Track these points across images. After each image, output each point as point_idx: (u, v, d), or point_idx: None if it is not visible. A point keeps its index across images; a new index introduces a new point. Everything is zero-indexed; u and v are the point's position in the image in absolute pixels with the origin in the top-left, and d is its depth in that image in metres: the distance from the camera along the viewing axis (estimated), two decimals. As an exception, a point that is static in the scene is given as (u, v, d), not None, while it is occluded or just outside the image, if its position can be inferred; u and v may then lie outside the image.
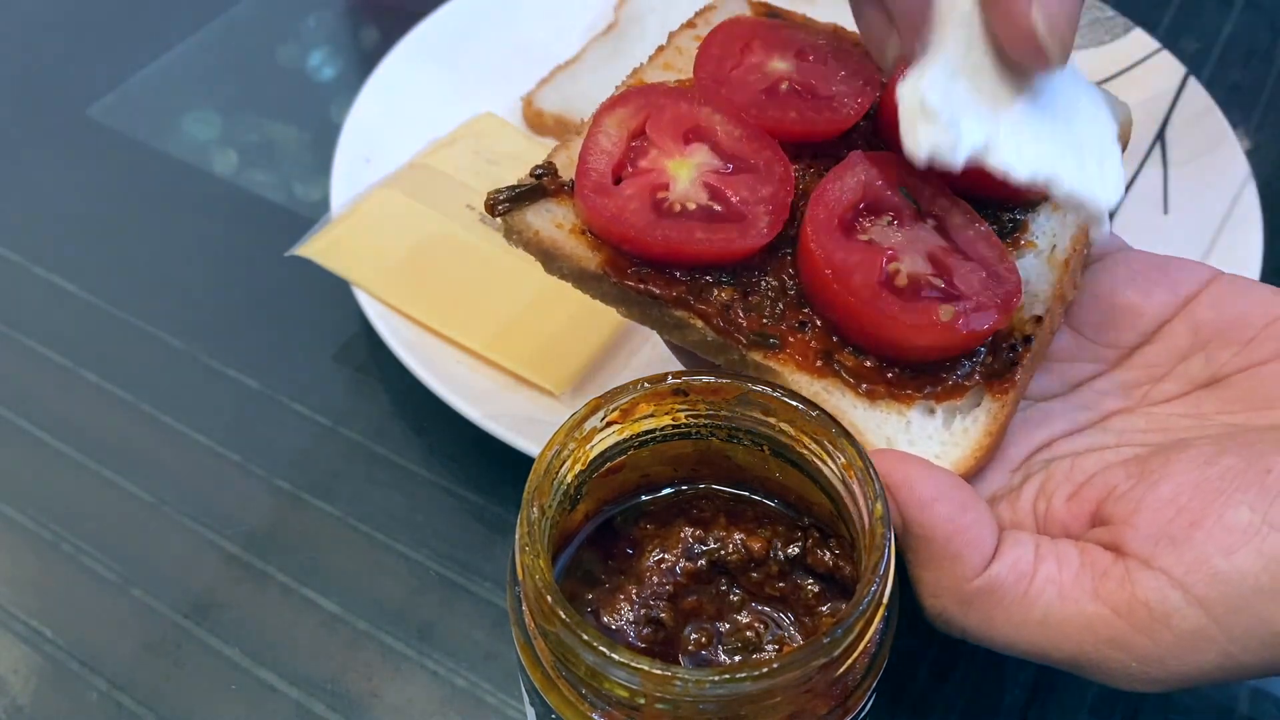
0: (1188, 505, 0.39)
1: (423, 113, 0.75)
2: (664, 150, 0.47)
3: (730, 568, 0.41)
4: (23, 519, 0.60)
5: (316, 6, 0.92)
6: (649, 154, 0.47)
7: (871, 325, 0.44)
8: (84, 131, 0.82)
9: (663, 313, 0.46)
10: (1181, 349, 0.47)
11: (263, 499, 0.61)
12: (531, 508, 0.36)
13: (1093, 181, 0.41)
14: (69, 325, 0.69)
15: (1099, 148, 0.42)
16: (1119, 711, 0.52)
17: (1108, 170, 0.42)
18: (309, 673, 0.54)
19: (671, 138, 0.48)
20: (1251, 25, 0.87)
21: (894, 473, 0.41)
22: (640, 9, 0.83)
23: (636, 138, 0.48)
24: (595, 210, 0.46)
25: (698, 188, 0.46)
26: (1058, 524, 0.43)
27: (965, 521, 0.41)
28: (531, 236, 0.47)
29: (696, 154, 0.48)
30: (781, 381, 0.45)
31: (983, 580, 0.40)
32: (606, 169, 0.47)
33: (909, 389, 0.45)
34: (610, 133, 0.48)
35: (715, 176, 0.47)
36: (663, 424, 0.40)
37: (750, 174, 0.47)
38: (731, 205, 0.46)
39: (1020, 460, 0.46)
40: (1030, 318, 0.46)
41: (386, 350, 0.61)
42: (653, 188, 0.46)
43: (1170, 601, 0.38)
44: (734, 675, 0.32)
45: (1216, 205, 0.67)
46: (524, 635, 0.37)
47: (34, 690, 0.54)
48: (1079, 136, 0.42)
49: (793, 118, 0.49)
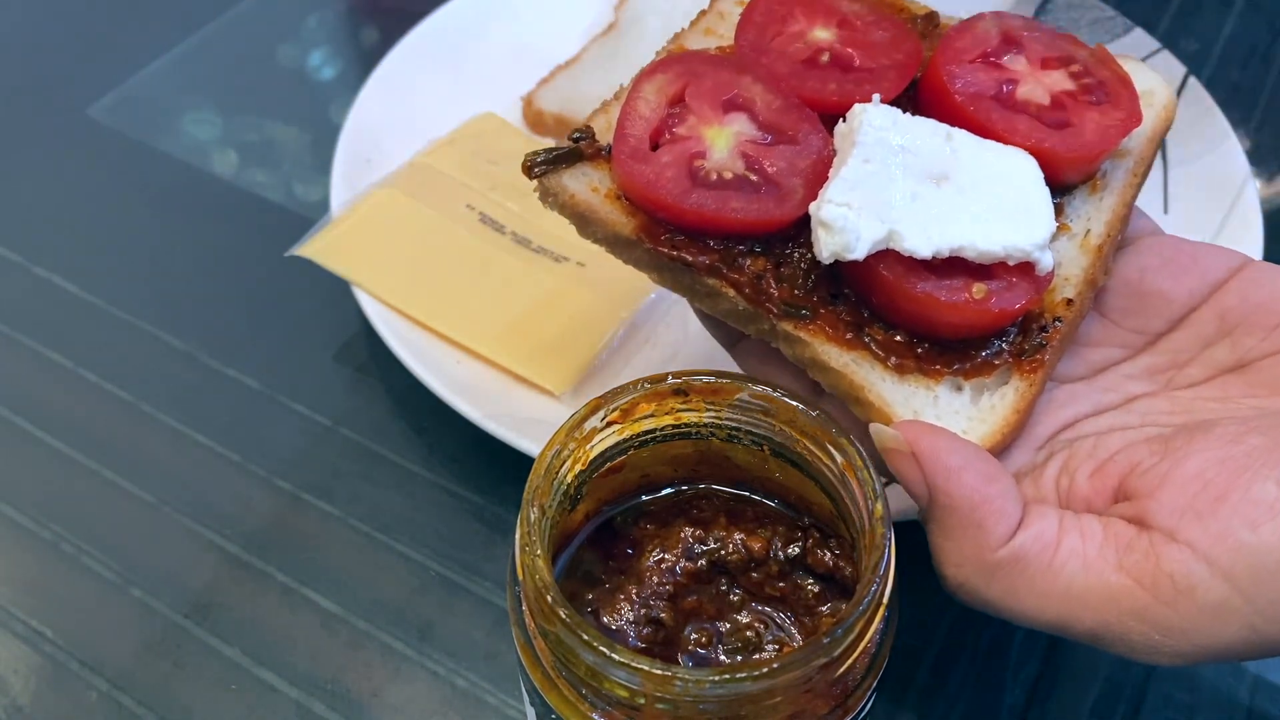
0: (1213, 480, 0.39)
1: (423, 113, 0.75)
2: (702, 118, 0.47)
3: (730, 568, 0.41)
4: (23, 519, 0.60)
5: (316, 6, 0.92)
6: (687, 121, 0.47)
7: (905, 301, 0.44)
8: (84, 131, 0.82)
9: (694, 280, 0.46)
10: (1208, 335, 0.47)
11: (263, 499, 0.61)
12: (531, 508, 0.36)
13: (1012, 231, 0.44)
14: (69, 325, 0.69)
15: (1014, 198, 0.46)
16: (1119, 711, 0.52)
17: (1031, 213, 0.45)
18: (309, 673, 0.54)
19: (710, 106, 0.48)
20: (1251, 25, 0.87)
21: (921, 441, 0.41)
22: (640, 9, 0.83)
23: (675, 104, 0.48)
24: (631, 176, 0.46)
25: (734, 157, 0.47)
26: (1080, 500, 0.43)
27: (991, 492, 0.41)
28: (567, 200, 0.47)
29: (735, 123, 0.48)
30: (810, 352, 0.45)
31: (1006, 551, 0.40)
32: (644, 135, 0.47)
33: (938, 364, 0.45)
34: (649, 99, 0.48)
35: (752, 146, 0.47)
36: (663, 424, 0.40)
37: (788, 145, 0.47)
38: (768, 176, 0.46)
39: (1044, 439, 0.46)
40: (1061, 300, 0.47)
41: (386, 350, 0.61)
42: (689, 155, 0.46)
43: (1195, 574, 0.38)
44: (734, 675, 0.32)
45: (1216, 205, 0.67)
46: (524, 635, 0.37)
47: (34, 690, 0.54)
48: (989, 198, 0.45)
49: (832, 89, 0.49)
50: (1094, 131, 0.49)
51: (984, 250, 0.44)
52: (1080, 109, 0.50)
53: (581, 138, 0.48)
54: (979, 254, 0.44)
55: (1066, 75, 0.51)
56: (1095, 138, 0.49)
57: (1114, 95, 0.50)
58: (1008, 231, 0.44)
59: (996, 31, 0.52)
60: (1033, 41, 0.52)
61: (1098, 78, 0.51)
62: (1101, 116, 0.49)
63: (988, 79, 0.50)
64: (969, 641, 0.55)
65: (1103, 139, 0.49)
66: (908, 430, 0.42)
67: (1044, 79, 0.51)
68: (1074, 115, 0.49)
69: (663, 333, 0.65)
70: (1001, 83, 0.50)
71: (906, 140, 0.46)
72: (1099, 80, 0.51)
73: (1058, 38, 0.52)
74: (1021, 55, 0.51)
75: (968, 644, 0.55)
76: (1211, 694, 0.53)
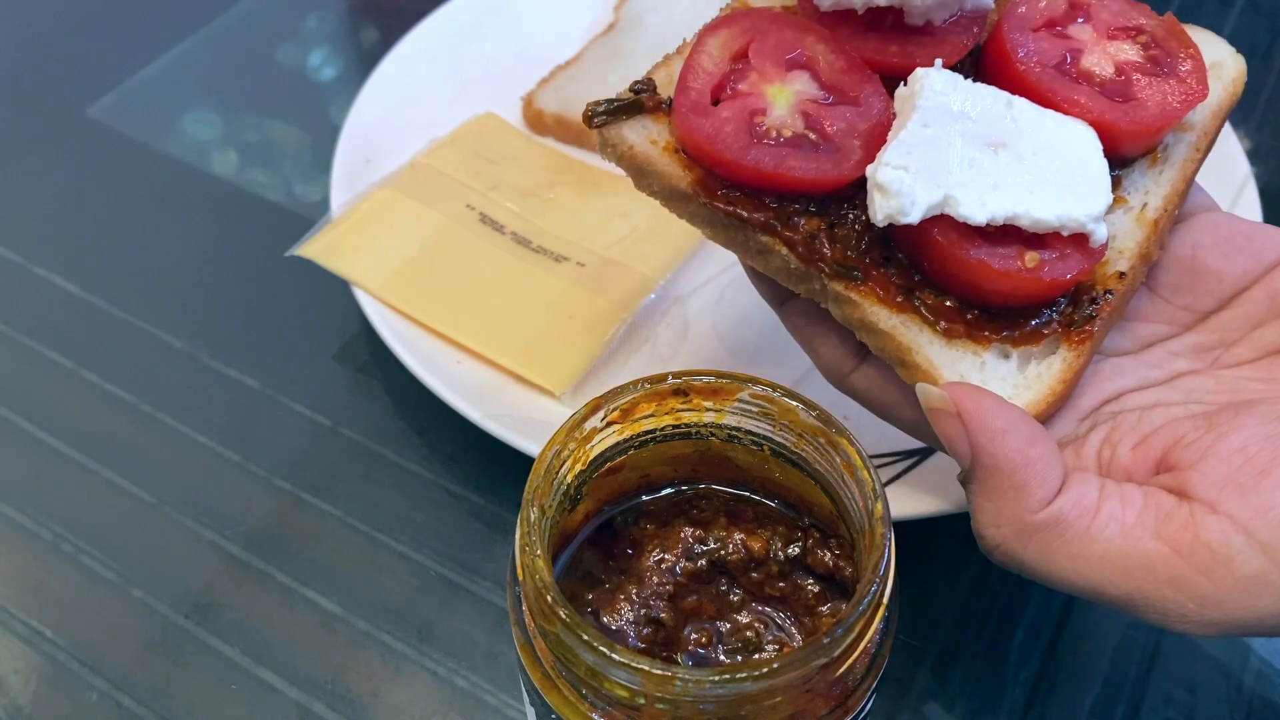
0: (1256, 455, 0.40)
1: (423, 113, 0.75)
2: (764, 75, 0.47)
3: (730, 568, 0.41)
4: (23, 519, 0.60)
5: (316, 6, 0.92)
6: (749, 78, 0.47)
7: (957, 267, 0.44)
8: (84, 131, 0.82)
9: (748, 237, 0.46)
10: (1258, 315, 0.47)
11: (263, 499, 0.61)
12: (531, 508, 0.36)
13: (1068, 202, 0.44)
14: (69, 325, 0.69)
15: (1071, 169, 0.45)
16: (1119, 711, 0.52)
17: (1088, 184, 0.45)
18: (309, 673, 0.54)
19: (773, 63, 0.48)
20: (1251, 25, 0.87)
21: (967, 401, 0.42)
22: (640, 9, 0.83)
23: (738, 60, 0.48)
24: (691, 130, 0.46)
25: (795, 115, 0.47)
26: (1122, 471, 0.44)
27: (1034, 455, 0.41)
28: (625, 150, 0.47)
29: (796, 81, 0.47)
30: (860, 313, 0.46)
31: (1046, 513, 0.41)
32: (705, 89, 0.47)
33: (987, 330, 0.46)
34: (712, 53, 0.47)
35: (813, 106, 0.47)
36: (663, 424, 0.40)
37: (849, 106, 0.47)
38: (827, 135, 0.46)
39: (1088, 411, 0.47)
40: (1114, 273, 0.47)
41: (386, 350, 0.61)
42: (750, 112, 0.46)
43: (1233, 545, 0.38)
44: (734, 675, 0.32)
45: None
46: (524, 635, 0.37)
47: (34, 690, 0.54)
48: (1046, 168, 0.45)
49: (894, 51, 0.49)
50: (1157, 105, 0.48)
51: (1038, 219, 0.44)
52: (1145, 81, 0.49)
53: (643, 90, 0.48)
54: (1033, 223, 0.44)
55: (1134, 45, 0.50)
56: (1158, 111, 0.48)
57: (1181, 68, 0.49)
58: (1063, 202, 0.44)
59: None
60: (1100, 10, 0.51)
61: (1166, 49, 0.50)
62: (1166, 89, 0.48)
63: (1051, 48, 0.49)
64: (969, 641, 0.55)
65: (1165, 113, 0.48)
66: (954, 391, 0.43)
67: (1110, 49, 0.50)
68: (1137, 88, 0.49)
69: (663, 333, 0.65)
70: (1066, 52, 0.49)
71: (966, 106, 0.45)
72: (1167, 51, 0.50)
73: (1128, 6, 0.51)
74: (1088, 24, 0.50)
75: (968, 644, 0.55)
76: (1212, 694, 0.53)
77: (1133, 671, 0.54)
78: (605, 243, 0.68)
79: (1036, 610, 0.56)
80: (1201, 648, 0.55)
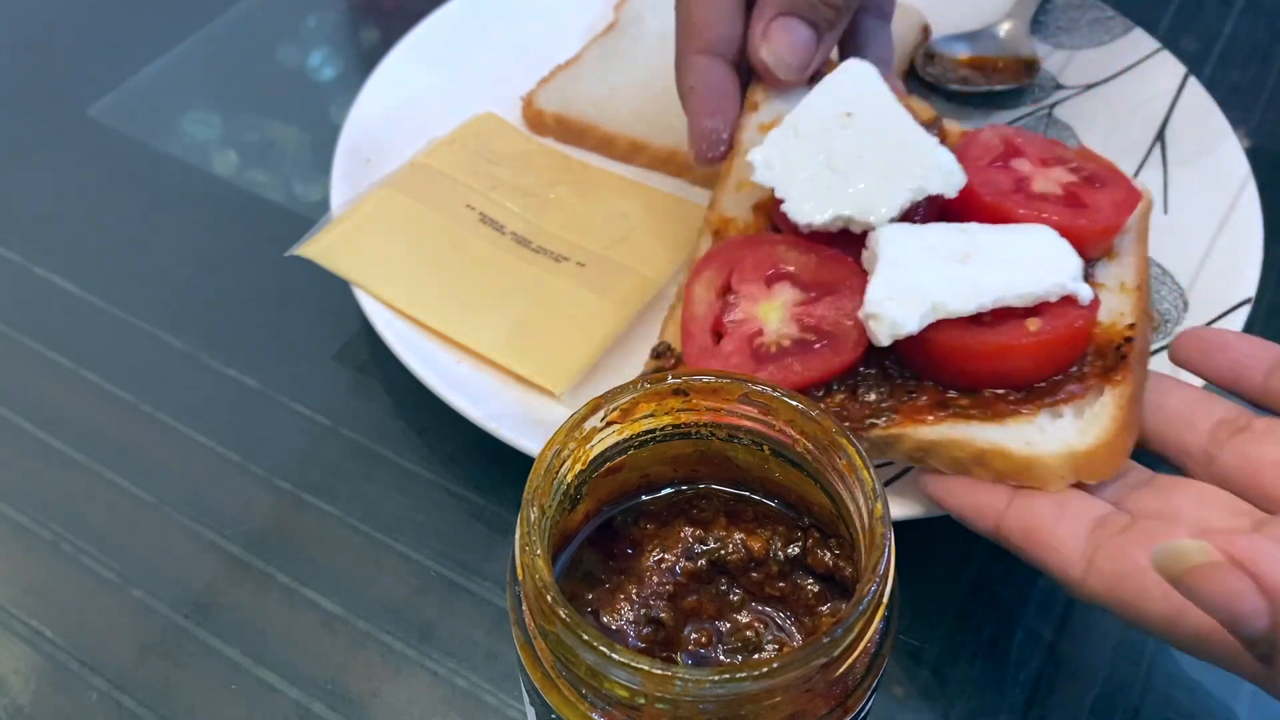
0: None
1: (423, 113, 0.75)
2: (752, 298, 0.53)
3: (730, 568, 0.41)
4: (23, 519, 0.60)
5: (316, 6, 0.92)
6: (740, 305, 0.53)
7: (974, 358, 0.49)
8: (84, 131, 0.82)
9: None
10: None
11: (263, 499, 0.61)
12: (531, 508, 0.36)
13: (1045, 273, 0.50)
14: (69, 325, 0.69)
15: (1038, 251, 0.51)
16: (1119, 711, 0.52)
17: (1058, 257, 0.51)
18: (309, 673, 0.54)
19: (756, 284, 0.53)
20: (1251, 25, 0.87)
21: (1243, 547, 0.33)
22: (640, 9, 0.83)
23: (726, 293, 0.54)
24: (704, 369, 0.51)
25: (788, 324, 0.52)
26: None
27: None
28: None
29: (781, 293, 0.53)
30: (910, 443, 0.49)
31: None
32: (706, 331, 0.53)
33: (1030, 405, 0.49)
34: (702, 297, 0.54)
35: (802, 308, 0.52)
36: (663, 424, 0.40)
37: (833, 295, 0.52)
38: (822, 331, 0.51)
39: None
40: (1125, 325, 0.51)
41: (386, 350, 0.61)
42: (749, 336, 0.52)
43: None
44: (734, 675, 0.32)
45: (1216, 205, 0.67)
46: (524, 635, 0.37)
47: (34, 690, 0.54)
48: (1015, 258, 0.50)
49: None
50: (1110, 207, 0.54)
51: (1024, 292, 0.49)
52: (1089, 193, 0.55)
53: (663, 353, 0.55)
54: (1019, 296, 0.49)
55: (1064, 170, 0.57)
56: (1113, 211, 0.54)
57: (1110, 180, 0.56)
58: (1041, 274, 0.49)
59: (999, 140, 0.58)
60: (1028, 145, 0.58)
61: (1089, 169, 0.57)
62: (1111, 196, 0.55)
63: (1006, 179, 0.56)
64: (969, 641, 0.55)
65: (1120, 212, 0.55)
66: (1219, 540, 0.32)
67: (1050, 174, 0.56)
68: (1087, 199, 0.55)
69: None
70: (1016, 181, 0.56)
71: (925, 241, 0.51)
72: (1092, 171, 0.57)
73: (1046, 142, 0.59)
74: (1024, 159, 0.57)
75: (968, 644, 0.55)
76: (1212, 695, 0.53)
77: (1133, 672, 0.54)
78: (605, 243, 0.68)
79: (1036, 610, 0.56)
80: (1201, 648, 0.55)
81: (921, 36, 0.81)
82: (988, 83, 0.77)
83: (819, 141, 0.55)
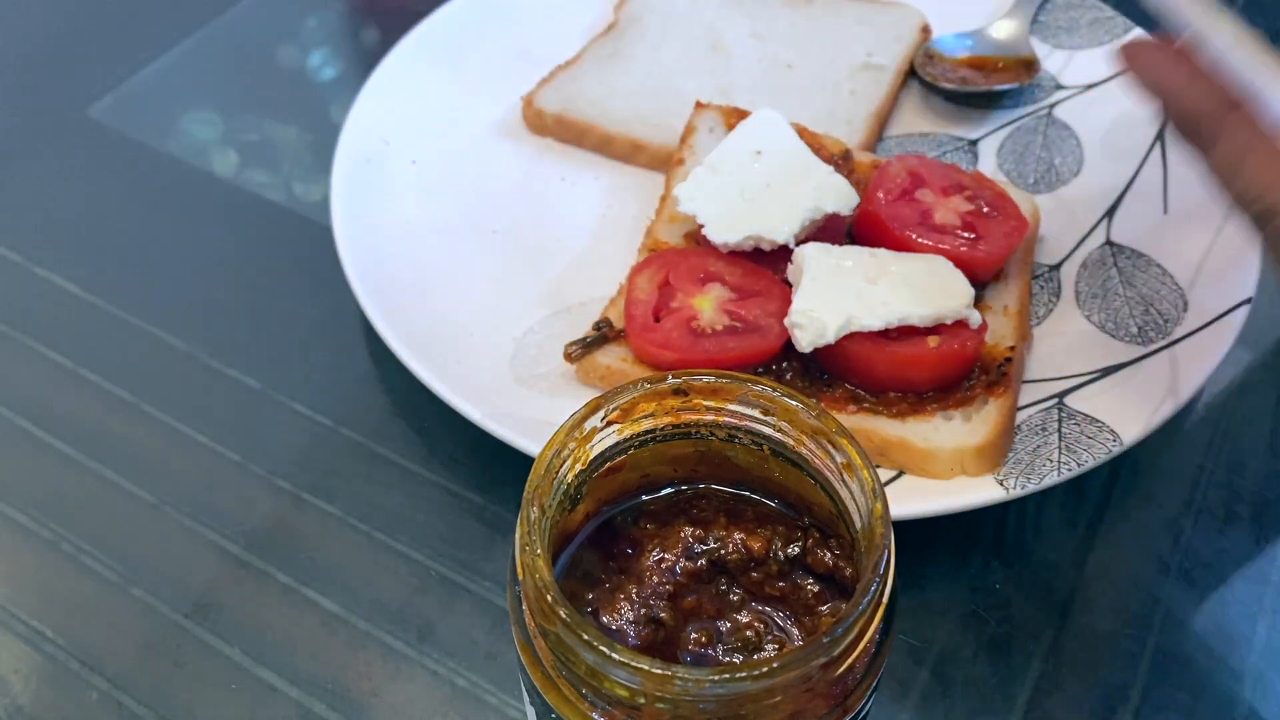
0: None
1: (423, 113, 0.75)
2: (687, 292, 0.61)
3: (730, 567, 0.41)
4: (23, 519, 0.60)
5: (316, 6, 0.92)
6: (676, 297, 0.61)
7: (881, 364, 0.57)
8: (84, 131, 0.82)
9: None
10: None
11: (263, 499, 0.61)
12: (531, 508, 0.36)
13: (943, 300, 0.58)
14: (69, 325, 0.69)
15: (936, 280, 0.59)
16: (1119, 711, 0.52)
17: (953, 286, 0.59)
18: (309, 673, 0.54)
19: (691, 282, 0.61)
20: (1251, 25, 0.87)
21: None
22: (640, 9, 0.83)
23: (663, 288, 0.61)
24: (646, 341, 0.59)
25: (720, 314, 0.60)
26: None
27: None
28: (603, 372, 0.60)
29: (713, 291, 0.61)
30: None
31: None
32: (647, 312, 0.60)
33: (930, 406, 0.58)
34: (643, 287, 0.61)
35: (732, 304, 0.60)
36: (663, 424, 0.40)
37: (757, 297, 0.60)
38: (749, 322, 0.59)
39: None
40: (1006, 348, 0.60)
41: (386, 350, 0.61)
42: (687, 319, 0.59)
43: None
44: (734, 674, 0.32)
45: (1216, 205, 0.66)
46: (524, 635, 0.37)
47: (34, 690, 0.54)
48: (917, 284, 0.59)
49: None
50: (999, 238, 0.62)
51: (925, 315, 0.57)
52: (983, 222, 0.63)
53: (604, 326, 0.61)
54: (921, 318, 0.57)
55: (962, 198, 0.64)
56: (1002, 243, 0.62)
57: (1001, 208, 0.64)
58: (939, 301, 0.58)
59: (904, 172, 0.64)
60: (931, 175, 0.65)
61: (984, 196, 0.64)
62: (1001, 227, 0.63)
63: (911, 213, 0.63)
64: (969, 641, 0.55)
65: (1008, 243, 0.63)
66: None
67: (950, 204, 0.64)
68: (981, 228, 0.63)
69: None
70: (919, 213, 0.63)
71: (842, 261, 0.59)
72: (985, 198, 0.64)
73: (946, 169, 0.66)
74: (927, 189, 0.64)
75: (968, 644, 0.55)
76: (1212, 695, 0.53)
77: (1133, 672, 0.54)
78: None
79: (1036, 610, 0.56)
80: (1202, 648, 0.55)
81: (921, 36, 0.81)
82: (988, 83, 0.78)
83: (734, 176, 0.64)
